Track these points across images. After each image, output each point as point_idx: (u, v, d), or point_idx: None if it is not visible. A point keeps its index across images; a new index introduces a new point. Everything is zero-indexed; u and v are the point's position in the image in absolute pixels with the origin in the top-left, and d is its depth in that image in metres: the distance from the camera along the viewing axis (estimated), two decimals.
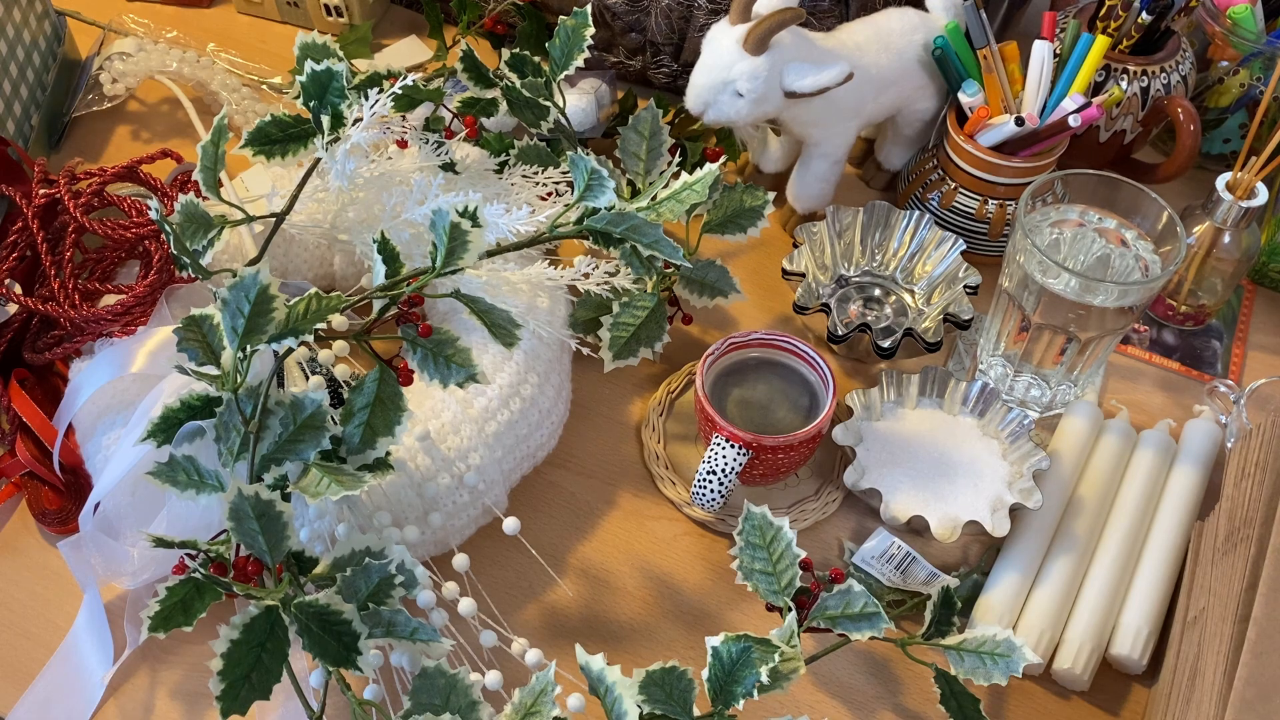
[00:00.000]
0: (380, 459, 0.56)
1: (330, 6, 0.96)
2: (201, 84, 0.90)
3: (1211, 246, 0.74)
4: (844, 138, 0.78)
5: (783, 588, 0.56)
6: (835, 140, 0.78)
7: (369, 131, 0.63)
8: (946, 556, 0.67)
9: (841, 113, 0.76)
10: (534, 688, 0.52)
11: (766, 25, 0.68)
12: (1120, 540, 0.64)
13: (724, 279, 0.72)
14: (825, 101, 0.73)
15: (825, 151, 0.78)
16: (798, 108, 0.73)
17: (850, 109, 0.76)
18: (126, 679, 0.61)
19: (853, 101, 0.75)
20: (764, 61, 0.69)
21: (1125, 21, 0.80)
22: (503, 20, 0.86)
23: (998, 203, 0.78)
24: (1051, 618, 0.61)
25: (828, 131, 0.77)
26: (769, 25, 0.68)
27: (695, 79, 0.72)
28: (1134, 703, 0.62)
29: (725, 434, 0.63)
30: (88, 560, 0.61)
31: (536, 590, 0.65)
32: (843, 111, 0.76)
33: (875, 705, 0.61)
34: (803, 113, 0.74)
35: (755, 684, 0.51)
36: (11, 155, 0.73)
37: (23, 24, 0.83)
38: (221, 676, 0.49)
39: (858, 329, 0.72)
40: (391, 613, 0.52)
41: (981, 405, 0.70)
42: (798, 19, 0.68)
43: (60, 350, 0.66)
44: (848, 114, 0.76)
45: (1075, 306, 0.65)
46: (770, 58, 0.69)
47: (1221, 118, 0.87)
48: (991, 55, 0.77)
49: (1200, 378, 0.77)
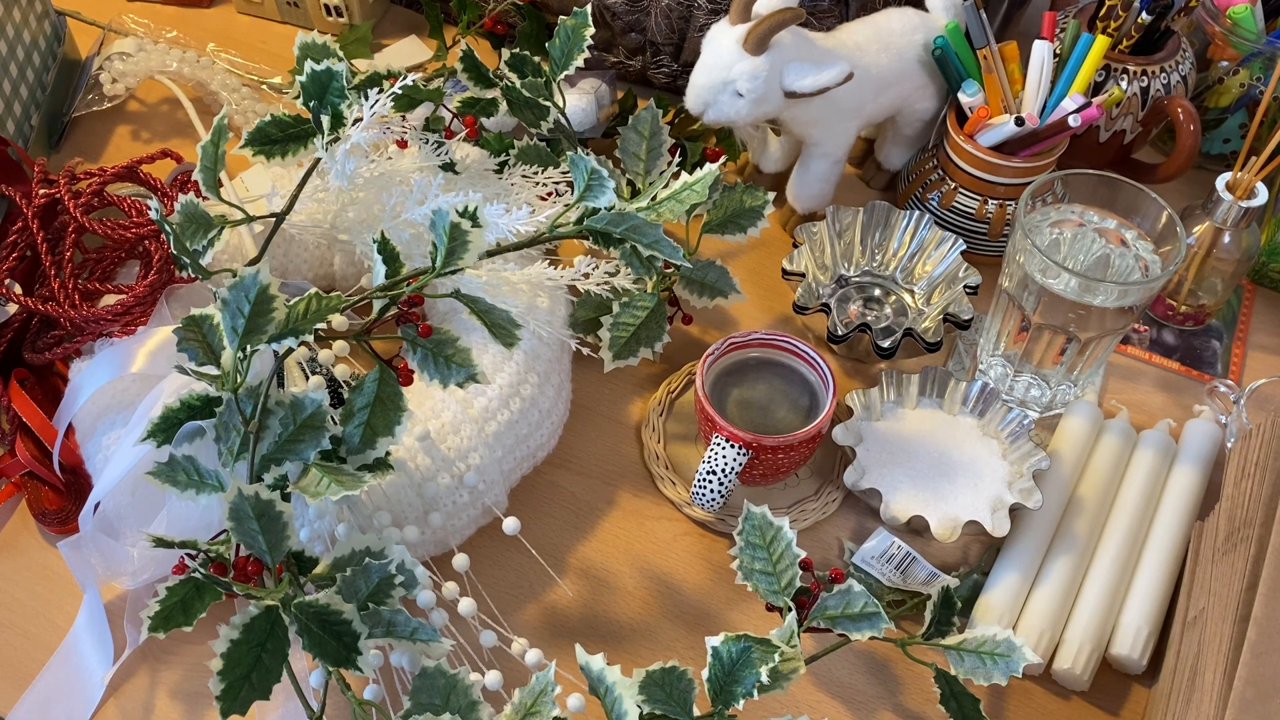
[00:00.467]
0: (380, 459, 0.56)
1: (330, 6, 0.96)
2: (201, 84, 0.90)
3: (1211, 246, 0.74)
4: (844, 137, 0.78)
5: (783, 588, 0.56)
6: (835, 140, 0.78)
7: (369, 131, 0.63)
8: (946, 556, 0.67)
9: (842, 113, 0.76)
10: (534, 688, 0.52)
11: (766, 25, 0.68)
12: (1120, 540, 0.64)
13: (724, 279, 0.72)
14: (825, 101, 0.73)
15: (825, 151, 0.78)
16: (797, 108, 0.73)
17: (850, 109, 0.76)
18: (126, 679, 0.61)
19: (853, 101, 0.75)
20: (764, 61, 0.69)
21: (1125, 21, 0.80)
22: (503, 20, 0.86)
23: (998, 203, 0.78)
24: (1051, 618, 0.61)
25: (828, 131, 0.77)
26: (769, 25, 0.68)
27: (695, 79, 0.72)
28: (1134, 703, 0.62)
29: (725, 434, 0.63)
30: (88, 560, 0.61)
31: (536, 590, 0.65)
32: (843, 111, 0.76)
33: (875, 705, 0.61)
34: (802, 113, 0.74)
35: (755, 684, 0.51)
36: (11, 155, 0.73)
37: (23, 24, 0.83)
38: (221, 676, 0.49)
39: (858, 329, 0.72)
40: (391, 613, 0.52)
41: (981, 405, 0.70)
42: (798, 19, 0.68)
43: (60, 350, 0.66)
44: (848, 114, 0.76)
45: (1075, 306, 0.65)
46: (770, 58, 0.69)
47: (1221, 118, 0.87)
48: (991, 55, 0.77)
49: (1200, 378, 0.77)
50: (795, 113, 0.74)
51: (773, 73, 0.69)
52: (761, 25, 0.68)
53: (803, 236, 0.77)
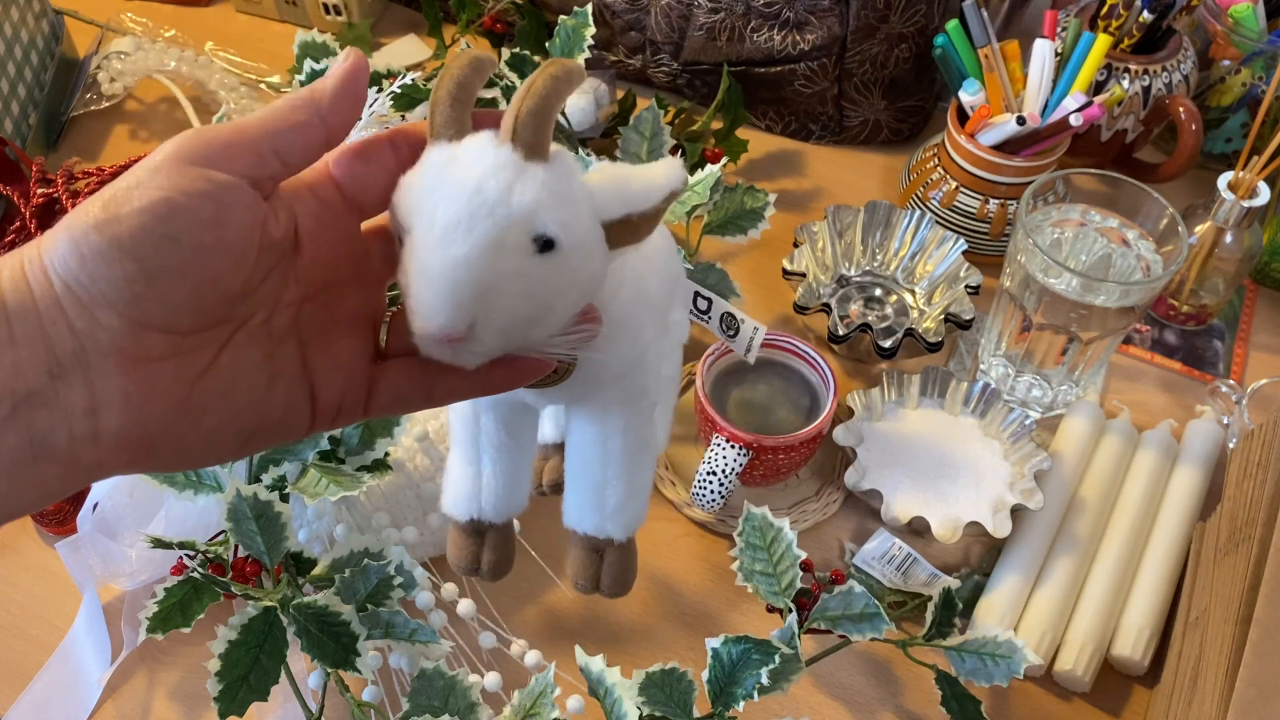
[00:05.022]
0: (379, 460, 0.55)
1: (329, 5, 0.96)
2: (200, 83, 0.90)
3: (1213, 246, 0.74)
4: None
5: (783, 589, 0.56)
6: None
7: (368, 131, 0.63)
8: (947, 557, 0.67)
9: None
10: (533, 689, 0.52)
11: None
12: (1122, 541, 0.64)
13: (724, 282, 0.72)
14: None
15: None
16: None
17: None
18: (124, 680, 0.61)
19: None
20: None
21: (1127, 20, 0.80)
22: (502, 19, 0.86)
23: (999, 202, 0.78)
24: (1053, 619, 0.61)
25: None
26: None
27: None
28: (1135, 704, 0.62)
29: (725, 434, 0.63)
30: (86, 561, 0.61)
31: (536, 591, 0.65)
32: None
33: (876, 707, 0.61)
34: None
35: (755, 685, 0.51)
36: (9, 155, 0.73)
37: (21, 23, 0.83)
38: (219, 678, 0.49)
39: (859, 329, 0.72)
40: (390, 614, 0.52)
41: (983, 405, 0.70)
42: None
43: None
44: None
45: (1077, 306, 0.65)
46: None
47: (1223, 117, 0.87)
48: (993, 54, 0.77)
49: (1202, 378, 0.77)
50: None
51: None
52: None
53: (803, 236, 0.76)
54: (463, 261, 0.30)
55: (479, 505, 0.42)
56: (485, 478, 0.42)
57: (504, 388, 0.34)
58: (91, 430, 0.29)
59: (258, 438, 0.32)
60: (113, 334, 0.29)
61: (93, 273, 0.28)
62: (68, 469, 0.29)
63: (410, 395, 0.34)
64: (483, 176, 0.30)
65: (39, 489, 0.29)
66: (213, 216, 0.29)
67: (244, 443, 0.32)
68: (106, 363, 0.29)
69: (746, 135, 0.86)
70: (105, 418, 0.29)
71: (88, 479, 0.30)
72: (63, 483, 0.29)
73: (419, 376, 0.34)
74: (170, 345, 0.30)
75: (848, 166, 0.90)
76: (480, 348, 0.31)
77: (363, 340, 0.34)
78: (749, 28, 0.84)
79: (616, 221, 0.33)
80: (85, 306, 0.28)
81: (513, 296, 0.31)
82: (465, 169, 0.30)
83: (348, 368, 0.34)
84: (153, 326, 0.29)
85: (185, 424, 0.30)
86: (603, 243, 0.33)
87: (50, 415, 0.28)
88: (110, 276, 0.28)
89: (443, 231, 0.30)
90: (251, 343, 0.31)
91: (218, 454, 0.32)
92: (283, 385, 0.32)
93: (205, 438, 0.31)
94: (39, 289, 0.28)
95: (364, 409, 0.34)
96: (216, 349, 0.31)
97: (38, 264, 0.29)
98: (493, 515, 0.42)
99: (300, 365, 0.33)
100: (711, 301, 0.57)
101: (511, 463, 0.42)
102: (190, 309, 0.30)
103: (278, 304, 0.32)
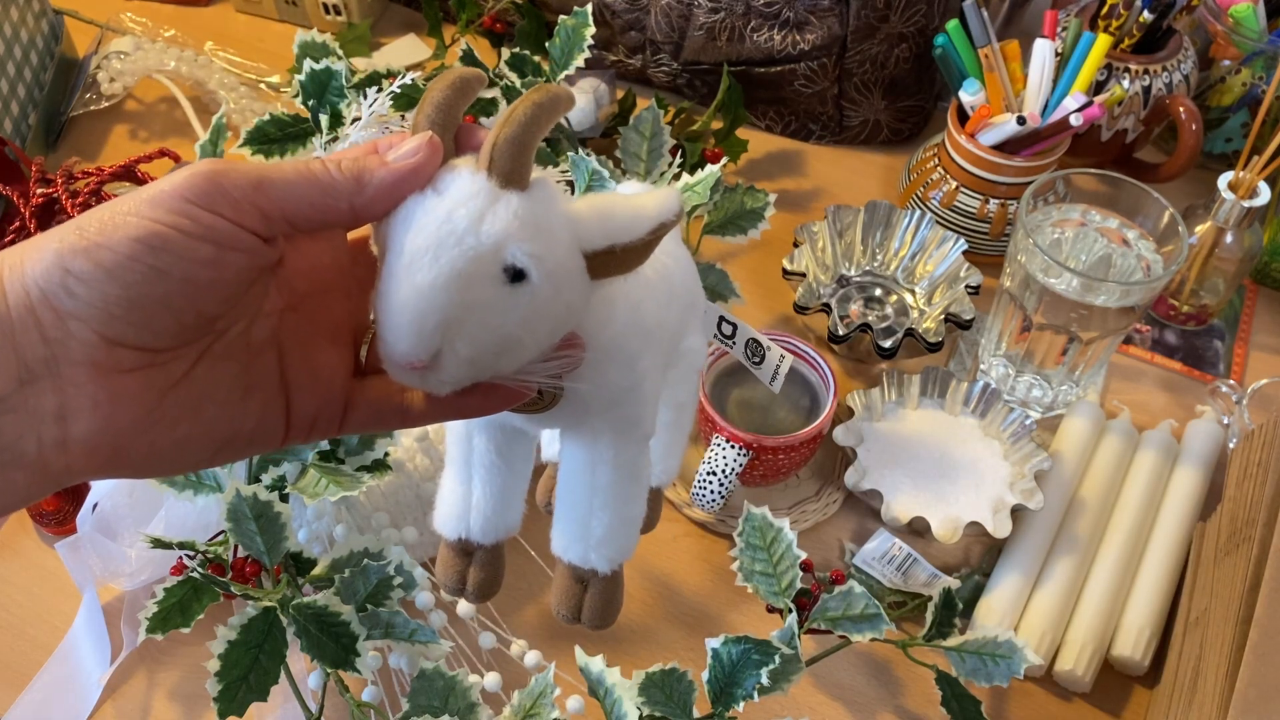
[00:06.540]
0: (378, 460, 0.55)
1: (329, 5, 0.96)
2: (199, 83, 0.90)
3: (1213, 246, 0.74)
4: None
5: (783, 589, 0.55)
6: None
7: (368, 131, 0.63)
8: (948, 557, 0.67)
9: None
10: (533, 689, 0.52)
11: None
12: (1122, 541, 0.64)
13: (724, 283, 0.72)
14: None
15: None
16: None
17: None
18: (124, 680, 0.61)
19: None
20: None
21: (1127, 20, 0.80)
22: (502, 19, 0.86)
23: (999, 202, 0.78)
24: (1053, 619, 0.61)
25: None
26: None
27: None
28: (1135, 704, 0.62)
29: (725, 434, 0.63)
30: (86, 561, 0.61)
31: (536, 591, 0.65)
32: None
33: (876, 707, 0.61)
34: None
35: (755, 686, 0.51)
36: (9, 155, 0.73)
37: (20, 23, 0.83)
38: (219, 678, 0.49)
39: (859, 329, 0.71)
40: (390, 614, 0.52)
41: (983, 406, 0.70)
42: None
43: None
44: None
45: (1077, 306, 0.65)
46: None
47: (1223, 117, 0.87)
48: (993, 54, 0.77)
49: (1202, 378, 0.77)
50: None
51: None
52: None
53: (803, 236, 0.76)
54: (426, 290, 0.29)
55: (467, 525, 0.41)
56: (475, 498, 0.41)
57: (480, 413, 0.34)
58: (60, 436, 0.29)
59: (230, 448, 0.32)
60: (86, 346, 0.28)
61: (73, 290, 0.28)
62: (37, 474, 0.29)
63: (386, 414, 0.34)
64: (453, 205, 0.29)
65: (9, 493, 0.29)
66: (210, 257, 0.29)
67: (215, 452, 0.32)
68: (77, 370, 0.29)
69: (746, 135, 0.86)
70: (74, 424, 0.29)
71: (57, 484, 0.30)
72: (31, 488, 0.29)
73: (396, 396, 0.34)
74: (144, 359, 0.29)
75: (848, 166, 0.90)
76: (447, 376, 0.31)
77: (342, 354, 0.34)
78: (749, 27, 0.84)
79: (600, 252, 0.32)
80: (60, 317, 0.28)
81: (479, 327, 0.30)
82: (438, 196, 0.30)
83: (326, 381, 0.33)
84: (128, 344, 0.29)
85: (155, 432, 0.30)
86: (583, 273, 0.32)
87: (19, 421, 0.28)
88: (90, 297, 0.28)
89: (410, 259, 0.29)
90: (229, 355, 0.31)
91: (189, 462, 0.32)
92: (257, 398, 0.32)
93: (176, 446, 0.31)
94: (14, 297, 0.28)
95: (339, 425, 0.34)
96: (192, 361, 0.31)
97: (19, 272, 0.29)
98: (480, 536, 0.41)
99: (277, 377, 0.32)
100: (737, 327, 0.56)
101: (502, 485, 0.41)
102: (169, 333, 0.29)
103: (258, 313, 0.32)
